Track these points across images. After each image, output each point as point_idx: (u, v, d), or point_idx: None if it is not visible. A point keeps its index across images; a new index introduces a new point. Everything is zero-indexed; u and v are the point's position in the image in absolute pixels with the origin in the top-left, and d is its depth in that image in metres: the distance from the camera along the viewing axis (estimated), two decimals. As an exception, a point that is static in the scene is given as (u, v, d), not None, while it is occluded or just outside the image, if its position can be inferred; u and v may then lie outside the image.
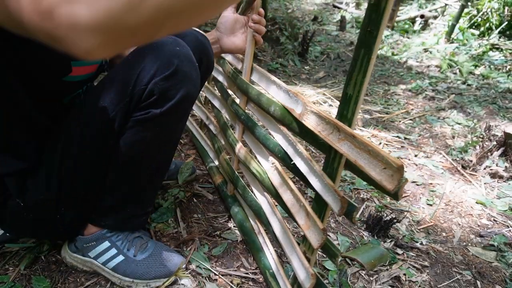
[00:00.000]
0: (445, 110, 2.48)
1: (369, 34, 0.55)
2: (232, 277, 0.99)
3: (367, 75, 0.58)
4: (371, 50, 0.56)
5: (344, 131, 0.61)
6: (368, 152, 0.57)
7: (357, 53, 0.58)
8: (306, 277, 0.75)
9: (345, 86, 0.62)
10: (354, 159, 0.59)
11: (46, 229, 0.89)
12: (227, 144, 1.25)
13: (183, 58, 0.77)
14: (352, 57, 0.60)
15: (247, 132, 1.11)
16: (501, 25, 3.97)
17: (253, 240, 1.05)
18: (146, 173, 0.90)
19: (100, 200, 0.90)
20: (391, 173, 0.53)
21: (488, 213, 1.42)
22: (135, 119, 0.79)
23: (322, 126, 0.67)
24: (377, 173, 0.55)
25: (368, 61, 0.57)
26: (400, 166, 0.52)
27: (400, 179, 0.52)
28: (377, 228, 1.21)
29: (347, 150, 0.61)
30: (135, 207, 0.94)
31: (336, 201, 0.65)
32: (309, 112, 0.71)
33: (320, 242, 0.69)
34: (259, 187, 1.04)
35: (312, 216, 0.72)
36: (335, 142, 0.63)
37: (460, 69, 3.28)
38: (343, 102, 0.62)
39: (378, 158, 0.55)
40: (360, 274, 1.06)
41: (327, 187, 0.67)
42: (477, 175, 1.69)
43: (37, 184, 0.82)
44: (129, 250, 0.94)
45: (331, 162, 0.68)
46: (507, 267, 1.16)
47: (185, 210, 1.23)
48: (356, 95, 0.60)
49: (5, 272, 0.94)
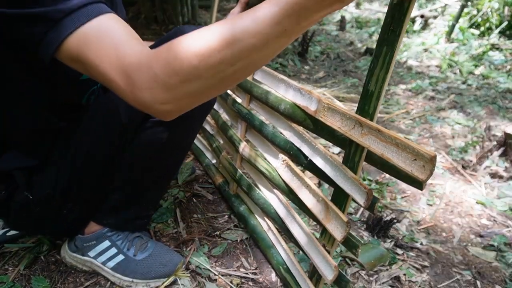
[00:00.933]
0: (445, 110, 2.48)
1: (391, 32, 0.58)
2: (232, 277, 0.99)
3: (389, 72, 0.60)
4: (393, 48, 0.58)
5: (368, 126, 0.63)
6: (396, 145, 0.59)
7: (379, 51, 0.60)
8: (328, 269, 0.77)
9: (365, 83, 0.64)
10: (380, 152, 0.61)
11: (51, 224, 0.89)
12: (228, 143, 1.25)
13: None
14: (374, 55, 0.62)
15: (251, 130, 1.12)
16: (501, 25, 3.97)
17: (263, 237, 1.05)
18: (154, 175, 0.90)
19: (106, 198, 0.90)
20: (422, 163, 0.55)
21: (488, 213, 1.42)
22: (154, 120, 0.79)
23: (341, 122, 0.69)
24: (407, 165, 0.57)
25: (391, 58, 0.59)
26: (433, 156, 0.54)
27: (432, 169, 0.54)
28: (377, 228, 1.21)
29: (372, 144, 0.63)
30: (139, 209, 0.94)
31: (361, 193, 0.67)
32: (326, 109, 0.73)
33: (344, 234, 0.71)
34: (267, 185, 1.04)
35: (333, 209, 0.73)
36: (358, 137, 0.65)
37: (460, 69, 3.28)
38: (364, 98, 0.65)
39: (408, 150, 0.57)
40: (360, 274, 1.06)
41: (351, 180, 0.69)
42: (477, 175, 1.69)
43: (47, 178, 0.83)
44: (129, 250, 0.94)
45: (351, 156, 0.69)
46: (507, 267, 1.16)
47: (185, 210, 1.23)
48: (378, 91, 0.62)
49: (5, 272, 0.94)
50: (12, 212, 0.86)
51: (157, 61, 0.49)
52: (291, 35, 0.49)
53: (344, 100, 2.46)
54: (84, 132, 0.80)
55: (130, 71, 0.50)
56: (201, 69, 0.48)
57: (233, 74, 0.51)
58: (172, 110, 0.53)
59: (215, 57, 0.48)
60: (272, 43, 0.49)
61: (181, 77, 0.49)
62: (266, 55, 0.51)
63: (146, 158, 0.84)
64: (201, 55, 0.48)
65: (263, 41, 0.48)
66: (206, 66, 0.48)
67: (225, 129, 1.24)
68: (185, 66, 0.48)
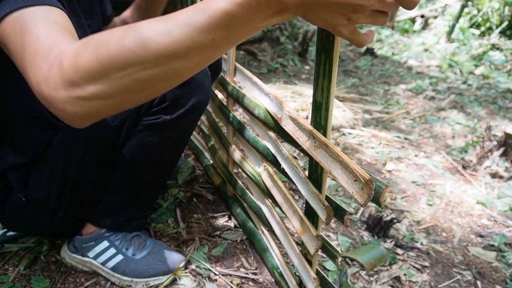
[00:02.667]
0: (445, 110, 2.48)
1: (326, 39, 0.54)
2: (232, 277, 0.99)
3: (332, 81, 0.55)
4: (331, 55, 0.54)
5: (318, 139, 0.59)
6: (340, 163, 0.55)
7: (319, 59, 0.56)
8: (308, 280, 0.75)
9: (313, 93, 0.59)
10: (329, 169, 0.57)
11: (46, 226, 0.89)
12: (220, 145, 1.24)
13: None
14: (315, 63, 0.57)
15: (237, 134, 1.10)
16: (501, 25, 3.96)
17: (259, 240, 1.05)
18: (149, 177, 0.90)
19: (101, 200, 0.90)
20: (361, 186, 0.52)
21: (488, 213, 1.42)
22: (145, 123, 0.79)
23: (299, 133, 0.64)
24: (349, 185, 0.54)
25: (331, 66, 0.54)
26: (368, 180, 0.50)
27: (370, 192, 0.51)
28: (377, 228, 1.21)
29: (322, 159, 0.58)
30: (135, 210, 0.94)
31: (321, 209, 0.63)
32: (288, 117, 0.68)
33: (316, 247, 0.68)
34: (256, 189, 1.03)
35: (305, 222, 0.70)
36: (312, 150, 0.61)
37: (460, 69, 3.28)
38: (315, 109, 0.60)
39: (349, 170, 0.53)
40: (360, 274, 1.06)
41: (313, 196, 0.65)
42: (477, 175, 1.69)
43: (40, 180, 0.82)
44: (127, 249, 0.94)
45: (314, 169, 0.65)
46: (507, 267, 1.16)
47: (185, 210, 1.23)
48: (325, 101, 0.57)
49: (5, 272, 0.94)
50: (7, 213, 0.86)
51: (69, 55, 0.47)
52: (221, 46, 0.45)
53: (344, 100, 2.46)
54: (78, 134, 0.80)
55: (42, 64, 0.48)
56: (108, 68, 0.45)
57: (148, 81, 0.46)
58: (78, 112, 0.48)
59: (126, 57, 0.44)
60: (197, 53, 0.45)
61: (85, 75, 0.46)
62: (190, 65, 0.46)
63: (140, 161, 0.84)
64: (111, 53, 0.44)
65: (184, 49, 0.43)
66: (115, 66, 0.45)
67: (216, 131, 1.23)
68: (91, 62, 0.45)
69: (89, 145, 0.80)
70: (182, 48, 0.44)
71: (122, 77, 0.46)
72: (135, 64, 0.44)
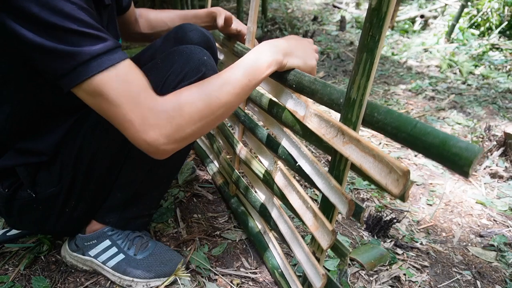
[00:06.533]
0: (445, 110, 2.48)
1: (371, 38, 0.55)
2: (232, 277, 0.99)
3: (370, 79, 0.58)
4: (373, 54, 0.56)
5: (348, 135, 0.61)
6: (373, 156, 0.57)
7: (360, 57, 0.58)
8: (317, 277, 0.76)
9: (347, 90, 0.61)
10: (359, 163, 0.59)
11: (53, 223, 0.89)
12: (227, 144, 1.25)
13: (209, 67, 0.81)
14: (354, 61, 0.59)
15: (248, 133, 1.11)
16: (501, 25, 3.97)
17: (259, 240, 1.05)
18: (158, 175, 0.90)
19: (108, 197, 0.90)
20: (396, 177, 0.53)
21: (488, 213, 1.42)
22: None
23: (326, 129, 0.67)
24: (383, 177, 0.55)
25: (371, 65, 0.57)
26: (405, 171, 0.52)
27: (406, 183, 0.52)
28: (377, 228, 1.21)
29: (352, 154, 0.60)
30: (141, 208, 0.94)
31: (343, 203, 0.64)
32: (313, 115, 0.71)
33: (330, 243, 0.69)
34: (262, 188, 1.03)
35: (320, 217, 0.72)
36: (339, 145, 0.63)
37: (460, 69, 3.28)
38: (347, 106, 0.62)
39: (383, 162, 0.55)
40: (360, 274, 1.06)
41: (334, 190, 0.67)
42: (477, 175, 1.69)
43: (50, 176, 0.83)
44: (129, 249, 0.94)
45: (337, 164, 0.67)
46: (507, 267, 1.16)
47: (185, 210, 1.23)
48: (360, 99, 0.60)
49: (5, 272, 0.94)
50: (15, 210, 0.86)
51: (168, 109, 0.64)
52: (249, 90, 0.73)
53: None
54: (91, 131, 0.80)
55: (147, 114, 0.62)
56: (205, 115, 0.67)
57: (223, 116, 0.72)
58: (175, 149, 0.67)
59: (214, 107, 0.68)
60: (241, 96, 0.72)
61: (187, 124, 0.66)
62: (240, 100, 0.73)
63: (148, 160, 0.84)
64: (200, 110, 0.66)
65: (243, 95, 0.72)
66: (202, 120, 0.67)
67: (223, 130, 1.24)
68: (193, 114, 0.66)
69: (101, 142, 0.81)
70: (242, 96, 0.72)
71: (212, 120, 0.69)
72: (219, 109, 0.69)
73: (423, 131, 0.51)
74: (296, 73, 0.77)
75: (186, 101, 0.65)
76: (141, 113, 0.62)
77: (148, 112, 0.62)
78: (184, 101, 0.65)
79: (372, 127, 0.60)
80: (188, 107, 0.65)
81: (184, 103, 0.65)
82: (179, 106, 0.64)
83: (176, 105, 0.64)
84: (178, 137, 0.65)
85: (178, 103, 0.65)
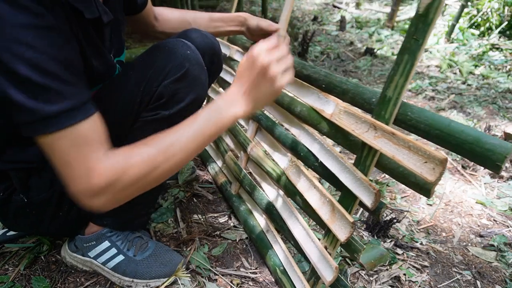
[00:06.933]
0: (445, 110, 2.48)
1: (414, 41, 0.60)
2: (232, 277, 0.99)
3: (408, 79, 0.62)
4: (415, 57, 0.60)
5: (382, 129, 0.65)
6: (408, 148, 0.61)
7: (400, 58, 0.62)
8: (328, 270, 0.78)
9: (384, 89, 0.65)
10: (392, 155, 0.63)
11: (47, 226, 0.89)
12: (236, 143, 1.25)
13: (193, 61, 0.78)
14: (395, 61, 0.63)
15: (261, 131, 1.13)
16: (501, 25, 3.96)
17: (261, 238, 1.05)
18: None
19: None
20: (432, 166, 0.57)
21: (488, 213, 1.42)
22: (143, 119, 0.79)
23: (356, 125, 0.71)
24: (418, 167, 0.59)
25: (412, 66, 0.61)
26: (443, 159, 0.56)
27: (442, 171, 0.56)
28: (377, 228, 1.21)
29: (383, 147, 0.65)
30: (137, 208, 0.94)
31: (370, 194, 0.68)
32: (342, 112, 0.75)
33: (348, 235, 0.72)
34: (272, 185, 1.05)
35: (339, 210, 0.74)
36: (370, 139, 0.67)
37: (460, 69, 3.28)
38: (381, 103, 0.66)
39: (420, 153, 0.59)
40: (360, 274, 1.06)
41: (360, 182, 0.70)
42: (477, 175, 1.69)
43: (42, 180, 0.82)
44: (129, 250, 0.94)
45: (363, 159, 0.71)
46: (507, 267, 1.16)
47: (185, 210, 1.23)
48: (396, 97, 0.64)
49: (5, 272, 0.94)
50: (10, 213, 0.86)
51: (111, 175, 0.62)
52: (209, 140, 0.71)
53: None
54: None
55: (90, 178, 0.61)
56: (140, 189, 0.68)
57: (172, 170, 0.69)
58: (114, 206, 0.67)
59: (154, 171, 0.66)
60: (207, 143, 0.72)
61: (123, 189, 0.64)
62: (194, 154, 0.71)
63: None
64: (145, 175, 0.65)
65: (201, 147, 0.71)
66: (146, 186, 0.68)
67: (233, 129, 1.24)
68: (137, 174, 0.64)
69: None
70: (201, 148, 0.71)
71: (156, 179, 0.68)
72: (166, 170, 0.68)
73: (456, 129, 0.57)
74: (326, 73, 0.82)
75: (131, 165, 0.63)
76: (85, 178, 0.61)
77: (92, 177, 0.61)
78: (130, 165, 0.63)
79: (404, 125, 0.65)
80: (132, 172, 0.63)
81: (130, 167, 0.63)
82: (123, 171, 0.62)
83: (120, 170, 0.62)
84: (116, 200, 0.66)
85: (122, 168, 0.63)
